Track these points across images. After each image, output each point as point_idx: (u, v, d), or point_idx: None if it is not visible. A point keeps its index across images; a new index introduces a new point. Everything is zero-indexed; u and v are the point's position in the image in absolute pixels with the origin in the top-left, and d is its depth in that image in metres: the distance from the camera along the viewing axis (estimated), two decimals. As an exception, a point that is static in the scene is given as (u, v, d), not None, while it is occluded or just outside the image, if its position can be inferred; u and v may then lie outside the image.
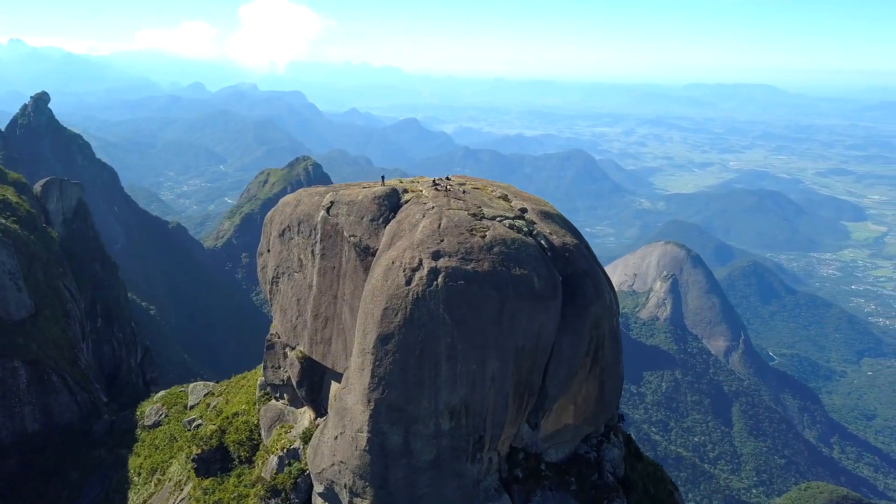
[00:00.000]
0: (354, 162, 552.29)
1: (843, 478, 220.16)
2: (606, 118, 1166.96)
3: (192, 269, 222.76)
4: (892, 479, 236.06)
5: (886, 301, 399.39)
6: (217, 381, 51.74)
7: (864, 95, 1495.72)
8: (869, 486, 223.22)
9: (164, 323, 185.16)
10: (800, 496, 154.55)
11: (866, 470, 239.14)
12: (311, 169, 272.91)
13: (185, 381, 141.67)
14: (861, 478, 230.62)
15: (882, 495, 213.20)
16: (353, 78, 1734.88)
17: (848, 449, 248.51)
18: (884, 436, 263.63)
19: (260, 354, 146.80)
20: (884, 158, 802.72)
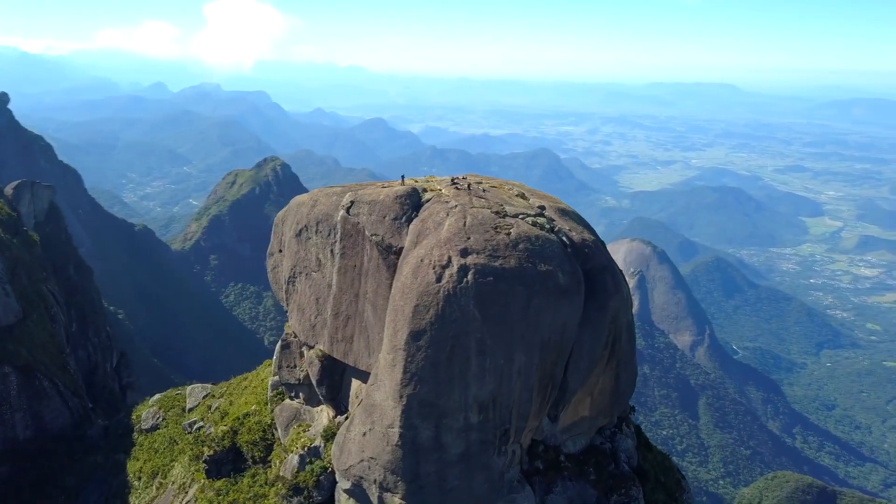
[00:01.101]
0: (321, 162, 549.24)
1: (805, 467, 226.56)
2: (571, 117, 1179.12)
3: (159, 272, 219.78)
4: (852, 467, 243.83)
5: (843, 294, 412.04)
6: (214, 383, 51.68)
7: (819, 94, 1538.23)
8: (830, 474, 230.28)
9: (132, 326, 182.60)
10: (767, 485, 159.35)
11: (827, 458, 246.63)
12: (279, 169, 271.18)
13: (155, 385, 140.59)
14: (823, 466, 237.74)
15: (843, 483, 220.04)
16: (317, 78, 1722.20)
17: (810, 438, 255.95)
18: (843, 425, 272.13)
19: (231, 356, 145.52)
20: (839, 155, 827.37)
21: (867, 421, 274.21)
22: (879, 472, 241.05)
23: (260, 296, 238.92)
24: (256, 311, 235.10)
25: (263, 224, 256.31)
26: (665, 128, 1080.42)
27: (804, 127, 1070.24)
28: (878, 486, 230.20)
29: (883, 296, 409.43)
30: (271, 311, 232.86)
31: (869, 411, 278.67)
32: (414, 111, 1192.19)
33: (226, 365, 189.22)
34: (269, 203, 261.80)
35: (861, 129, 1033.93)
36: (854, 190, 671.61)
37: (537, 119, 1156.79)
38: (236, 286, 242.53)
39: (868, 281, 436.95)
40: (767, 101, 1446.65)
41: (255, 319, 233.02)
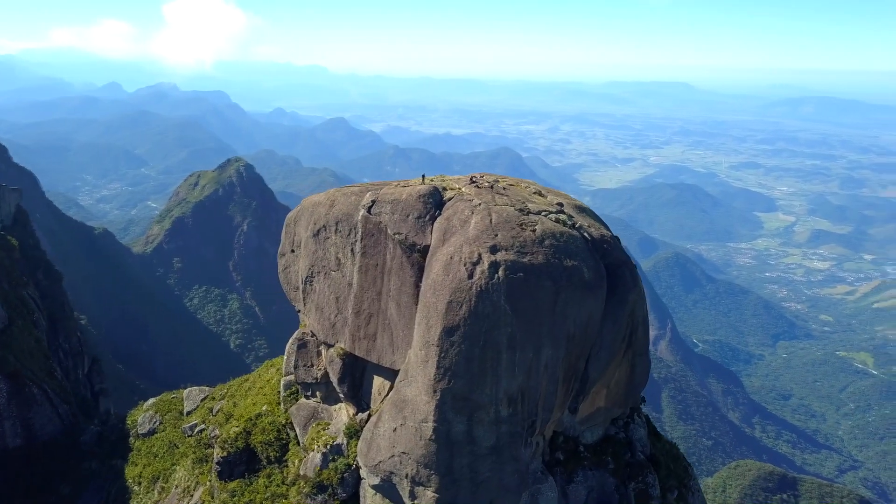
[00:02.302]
0: (283, 162, 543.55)
1: (765, 455, 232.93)
2: (531, 116, 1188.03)
3: (121, 276, 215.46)
4: (809, 454, 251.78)
5: (797, 287, 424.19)
6: (212, 386, 51.47)
7: (770, 92, 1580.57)
8: (788, 461, 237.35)
9: (95, 332, 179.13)
10: (730, 475, 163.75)
11: (785, 447, 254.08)
12: (243, 170, 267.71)
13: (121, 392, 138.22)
14: (781, 454, 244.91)
15: (800, 470, 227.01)
16: (277, 77, 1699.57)
17: (768, 428, 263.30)
18: (799, 414, 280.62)
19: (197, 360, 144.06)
20: (790, 152, 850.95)
21: (822, 409, 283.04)
22: (834, 458, 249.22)
23: (225, 298, 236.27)
24: (222, 314, 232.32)
25: (227, 226, 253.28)
26: (623, 126, 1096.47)
27: (757, 124, 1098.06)
28: (833, 471, 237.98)
29: (834, 288, 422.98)
30: (237, 314, 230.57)
31: (823, 400, 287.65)
32: (375, 111, 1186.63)
33: (192, 369, 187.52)
34: (234, 204, 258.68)
35: (811, 127, 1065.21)
36: (805, 185, 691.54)
37: (498, 118, 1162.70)
38: (200, 289, 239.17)
39: (820, 274, 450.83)
40: (721, 100, 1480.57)
41: (220, 322, 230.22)
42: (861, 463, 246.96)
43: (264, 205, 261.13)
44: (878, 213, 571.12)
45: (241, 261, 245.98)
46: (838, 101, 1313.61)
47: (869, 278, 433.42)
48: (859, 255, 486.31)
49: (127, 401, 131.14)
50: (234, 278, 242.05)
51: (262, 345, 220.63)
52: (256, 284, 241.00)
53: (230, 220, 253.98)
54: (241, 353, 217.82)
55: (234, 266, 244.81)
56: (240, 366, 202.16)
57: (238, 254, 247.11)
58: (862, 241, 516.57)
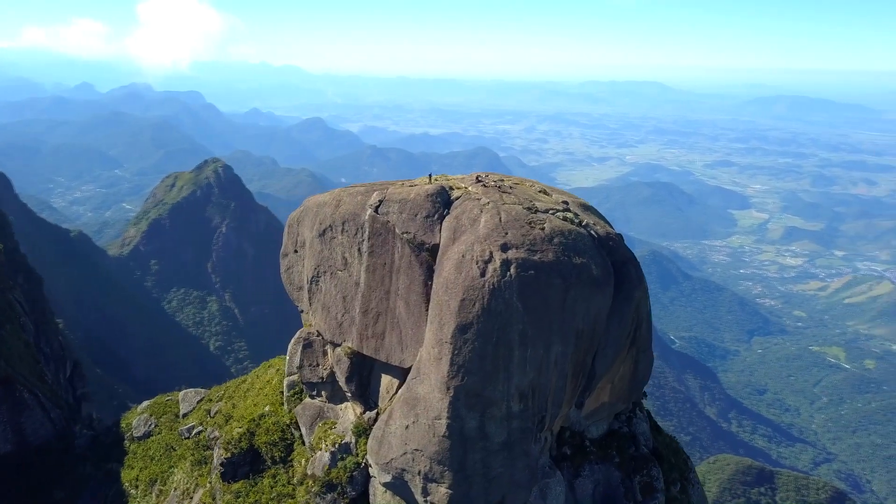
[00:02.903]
0: (260, 163, 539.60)
1: (741, 450, 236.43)
2: (508, 116, 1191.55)
3: (97, 279, 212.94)
4: (784, 447, 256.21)
5: (771, 283, 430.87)
6: (208, 388, 51.38)
7: (743, 91, 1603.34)
8: (764, 455, 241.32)
9: (72, 336, 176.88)
10: (709, 469, 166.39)
11: (761, 441, 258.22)
12: (221, 171, 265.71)
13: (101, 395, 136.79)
14: (758, 448, 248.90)
15: (776, 463, 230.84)
16: (252, 77, 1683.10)
17: (744, 422, 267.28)
18: (774, 408, 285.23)
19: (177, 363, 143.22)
20: (763, 150, 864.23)
21: (796, 403, 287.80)
22: (809, 451, 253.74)
23: (204, 300, 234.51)
24: (201, 316, 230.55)
25: (205, 227, 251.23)
26: (599, 125, 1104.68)
27: (730, 123, 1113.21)
28: (808, 464, 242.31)
29: (807, 284, 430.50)
30: (216, 316, 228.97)
31: (797, 394, 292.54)
32: (352, 110, 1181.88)
33: (172, 372, 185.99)
34: (211, 206, 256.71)
35: (782, 125, 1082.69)
36: (778, 183, 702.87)
37: (475, 118, 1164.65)
38: (179, 291, 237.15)
39: (793, 270, 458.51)
40: (695, 99, 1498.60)
41: (199, 325, 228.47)
42: (834, 455, 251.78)
43: (243, 206, 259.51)
44: (849, 210, 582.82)
45: (220, 262, 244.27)
46: (809, 100, 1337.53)
47: (840, 274, 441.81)
48: (831, 252, 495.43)
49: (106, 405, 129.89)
50: (213, 280, 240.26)
51: (242, 347, 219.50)
52: (236, 286, 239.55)
53: (208, 222, 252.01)
54: (220, 355, 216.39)
55: (213, 268, 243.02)
56: (220, 368, 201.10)
57: (217, 255, 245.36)
58: (833, 237, 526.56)
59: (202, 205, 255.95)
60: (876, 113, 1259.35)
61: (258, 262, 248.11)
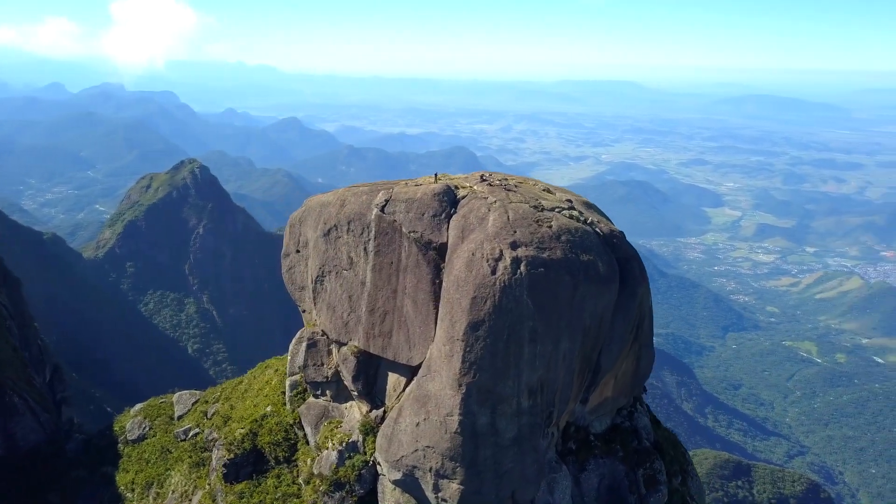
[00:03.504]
0: (236, 163, 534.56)
1: (718, 444, 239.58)
2: (485, 115, 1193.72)
3: (72, 282, 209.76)
4: (759, 441, 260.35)
5: (744, 280, 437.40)
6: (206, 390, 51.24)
7: (715, 90, 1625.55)
8: (740, 449, 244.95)
9: (47, 339, 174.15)
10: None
11: (737, 435, 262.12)
12: (197, 172, 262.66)
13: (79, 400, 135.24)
14: (733, 443, 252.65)
15: (752, 457, 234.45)
16: (227, 77, 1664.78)
17: (720, 417, 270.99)
18: (749, 403, 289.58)
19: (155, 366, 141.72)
20: (735, 149, 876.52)
21: (770, 398, 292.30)
22: (783, 444, 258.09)
23: (181, 303, 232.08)
24: (178, 319, 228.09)
25: (182, 229, 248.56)
26: (575, 124, 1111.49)
27: (703, 122, 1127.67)
28: (782, 457, 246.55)
29: (779, 280, 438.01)
30: (194, 318, 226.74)
31: (771, 388, 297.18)
32: (329, 110, 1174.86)
33: (149, 375, 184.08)
34: (188, 207, 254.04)
35: (754, 124, 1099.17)
36: (750, 181, 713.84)
37: (452, 117, 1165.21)
38: (155, 294, 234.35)
39: (766, 266, 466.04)
40: (668, 98, 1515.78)
41: (177, 327, 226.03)
42: (808, 448, 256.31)
43: (220, 207, 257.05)
44: (819, 207, 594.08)
45: (197, 264, 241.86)
46: (779, 99, 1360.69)
47: (811, 270, 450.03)
48: (802, 248, 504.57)
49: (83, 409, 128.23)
50: (191, 282, 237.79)
51: (221, 349, 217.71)
52: (213, 288, 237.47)
53: (185, 223, 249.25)
54: (199, 357, 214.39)
55: (190, 269, 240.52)
56: (198, 370, 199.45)
57: (194, 257, 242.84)
58: (804, 234, 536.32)
59: (178, 206, 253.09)
60: (845, 112, 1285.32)
61: (236, 264, 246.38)
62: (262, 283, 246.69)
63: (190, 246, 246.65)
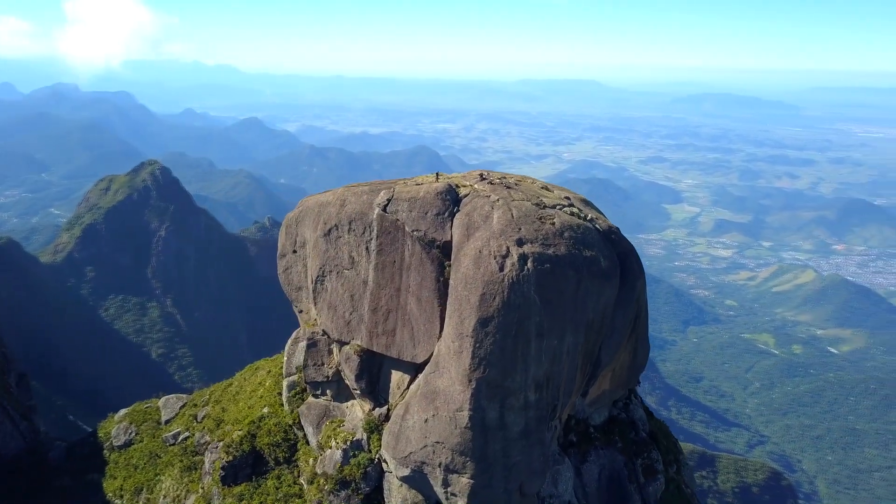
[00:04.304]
0: (196, 164, 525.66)
1: (681, 436, 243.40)
2: (447, 114, 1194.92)
3: (29, 288, 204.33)
4: (721, 432, 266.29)
5: (703, 274, 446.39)
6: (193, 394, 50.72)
7: (673, 89, 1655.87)
8: (702, 440, 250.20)
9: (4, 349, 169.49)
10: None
11: (699, 427, 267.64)
12: (158, 173, 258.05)
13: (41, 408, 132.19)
14: (696, 434, 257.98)
15: (714, 447, 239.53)
16: (185, 77, 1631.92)
17: (683, 410, 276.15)
18: (710, 395, 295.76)
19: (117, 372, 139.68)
20: (693, 146, 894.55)
21: (730, 389, 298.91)
22: (744, 434, 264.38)
23: (144, 307, 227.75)
24: (141, 324, 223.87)
25: (143, 232, 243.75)
26: (537, 123, 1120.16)
27: (661, 120, 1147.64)
28: (743, 447, 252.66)
29: (737, 274, 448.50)
30: (157, 323, 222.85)
31: (731, 380, 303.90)
32: (290, 110, 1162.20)
33: (112, 382, 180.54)
34: (150, 209, 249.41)
35: (711, 122, 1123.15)
36: (708, 178, 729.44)
37: (414, 117, 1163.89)
38: (117, 298, 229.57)
39: (724, 261, 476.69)
40: (628, 97, 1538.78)
41: (139, 332, 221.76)
42: (767, 437, 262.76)
43: (182, 209, 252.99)
44: (774, 203, 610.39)
45: (160, 267, 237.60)
46: (735, 97, 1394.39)
47: (768, 264, 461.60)
48: (758, 243, 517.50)
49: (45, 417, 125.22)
50: (154, 286, 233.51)
51: (186, 353, 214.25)
52: (177, 291, 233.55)
53: (146, 226, 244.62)
54: (163, 362, 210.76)
55: (153, 273, 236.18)
56: (163, 376, 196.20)
57: (156, 260, 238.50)
58: (760, 229, 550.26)
59: (139, 208, 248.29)
60: (797, 109, 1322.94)
61: (200, 267, 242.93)
62: (227, 285, 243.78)
63: (152, 249, 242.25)
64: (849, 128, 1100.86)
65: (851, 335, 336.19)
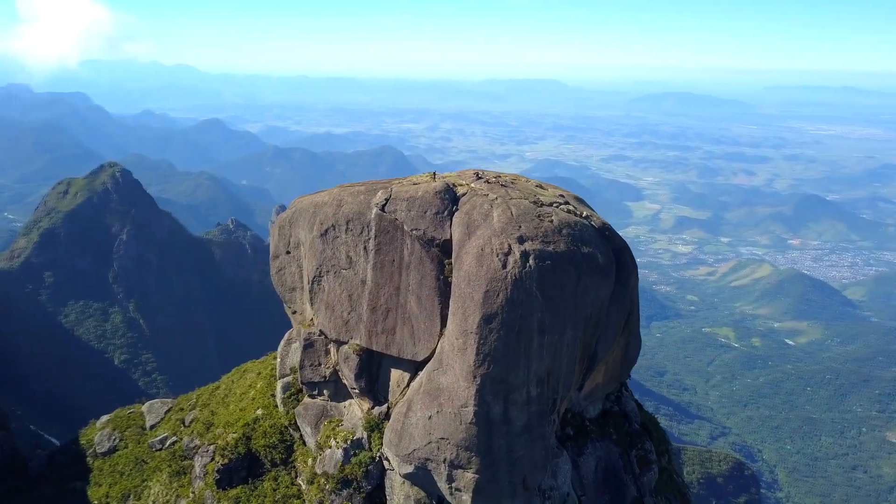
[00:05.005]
0: (156, 166, 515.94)
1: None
2: (411, 114, 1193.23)
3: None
4: (684, 425, 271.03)
5: (665, 270, 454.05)
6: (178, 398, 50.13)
7: (634, 88, 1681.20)
8: (667, 433, 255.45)
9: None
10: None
11: (664, 420, 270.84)
12: (118, 176, 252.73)
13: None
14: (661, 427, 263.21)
15: (678, 440, 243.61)
16: (142, 77, 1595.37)
17: (648, 404, 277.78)
18: (674, 388, 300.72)
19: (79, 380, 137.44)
20: (653, 145, 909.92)
21: (693, 383, 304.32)
22: (706, 427, 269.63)
23: (105, 312, 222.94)
24: (103, 329, 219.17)
25: (104, 236, 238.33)
26: (501, 123, 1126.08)
27: (622, 119, 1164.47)
28: (706, 439, 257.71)
29: (697, 269, 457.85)
30: (120, 328, 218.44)
31: (694, 374, 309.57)
32: (252, 111, 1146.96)
33: (74, 389, 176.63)
34: (110, 213, 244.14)
35: (671, 121, 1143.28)
36: (668, 175, 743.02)
37: (378, 117, 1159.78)
38: (77, 304, 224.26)
39: (684, 257, 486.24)
40: (589, 96, 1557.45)
41: (101, 339, 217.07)
42: (729, 429, 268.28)
43: (144, 212, 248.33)
44: (732, 199, 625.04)
45: (122, 272, 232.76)
46: (694, 96, 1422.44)
47: (726, 259, 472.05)
48: (717, 239, 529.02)
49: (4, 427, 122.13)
50: (116, 290, 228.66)
51: (150, 359, 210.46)
52: (140, 296, 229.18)
53: (107, 230, 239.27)
54: (127, 368, 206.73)
55: (115, 277, 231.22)
56: (126, 382, 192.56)
57: (118, 264, 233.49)
58: (719, 225, 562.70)
59: (100, 212, 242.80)
60: (752, 108, 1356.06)
61: (163, 270, 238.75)
62: (191, 289, 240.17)
63: (113, 253, 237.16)
64: (802, 126, 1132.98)
65: (808, 327, 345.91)
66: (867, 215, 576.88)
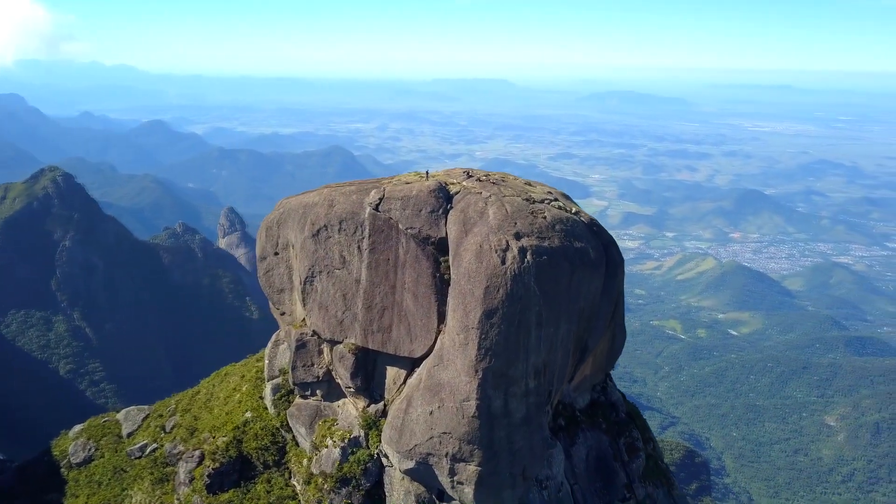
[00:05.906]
0: (97, 170, 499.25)
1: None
2: (360, 114, 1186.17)
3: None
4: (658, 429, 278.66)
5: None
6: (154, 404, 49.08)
7: (579, 87, 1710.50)
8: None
9: None
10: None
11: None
12: (60, 180, 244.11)
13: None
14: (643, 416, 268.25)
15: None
16: (81, 78, 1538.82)
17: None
18: (624, 381, 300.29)
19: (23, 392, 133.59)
20: (599, 143, 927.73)
21: (643, 374, 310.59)
22: (657, 417, 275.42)
23: (49, 321, 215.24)
24: (46, 339, 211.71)
25: (46, 242, 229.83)
26: (450, 122, 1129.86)
27: (569, 118, 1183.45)
28: (657, 429, 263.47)
29: (644, 264, 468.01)
30: (64, 337, 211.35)
31: (643, 366, 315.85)
32: (196, 112, 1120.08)
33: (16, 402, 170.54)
34: (51, 218, 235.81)
35: (615, 119, 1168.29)
36: (614, 172, 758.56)
37: (326, 117, 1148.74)
38: (18, 314, 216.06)
39: (632, 252, 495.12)
40: (537, 95, 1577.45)
41: (45, 348, 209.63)
42: (678, 418, 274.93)
43: (88, 217, 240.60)
44: (676, 195, 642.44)
45: (66, 279, 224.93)
46: (637, 94, 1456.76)
47: (672, 253, 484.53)
48: (663, 234, 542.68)
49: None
50: (59, 298, 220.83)
51: (97, 368, 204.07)
52: (85, 303, 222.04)
53: (49, 236, 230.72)
54: (73, 378, 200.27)
55: (58, 285, 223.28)
56: (73, 393, 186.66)
57: (61, 272, 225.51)
58: (664, 220, 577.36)
59: (40, 218, 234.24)
60: (694, 105, 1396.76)
61: (109, 276, 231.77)
62: (140, 295, 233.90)
63: (56, 260, 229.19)
64: (740, 123, 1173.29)
65: (749, 318, 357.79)
66: (802, 208, 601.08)
